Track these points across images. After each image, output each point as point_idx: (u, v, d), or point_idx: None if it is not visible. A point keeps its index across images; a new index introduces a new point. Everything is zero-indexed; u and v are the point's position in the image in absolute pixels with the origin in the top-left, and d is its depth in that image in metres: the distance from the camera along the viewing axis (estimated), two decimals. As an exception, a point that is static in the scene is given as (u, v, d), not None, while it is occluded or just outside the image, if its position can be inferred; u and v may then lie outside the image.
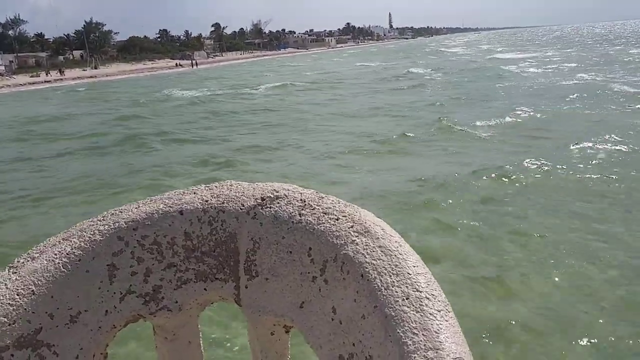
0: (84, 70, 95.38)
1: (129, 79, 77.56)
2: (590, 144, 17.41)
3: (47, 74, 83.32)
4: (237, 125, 28.63)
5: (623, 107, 25.31)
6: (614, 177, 13.91)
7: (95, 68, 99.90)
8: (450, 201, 12.65)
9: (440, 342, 1.27)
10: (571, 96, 29.84)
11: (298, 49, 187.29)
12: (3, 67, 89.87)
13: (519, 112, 25.03)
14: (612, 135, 18.53)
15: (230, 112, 33.88)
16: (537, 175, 14.43)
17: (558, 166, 15.08)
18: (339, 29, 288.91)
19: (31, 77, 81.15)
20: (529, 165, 15.27)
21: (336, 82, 52.00)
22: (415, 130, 22.62)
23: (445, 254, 9.63)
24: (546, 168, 15.01)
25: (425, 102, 32.50)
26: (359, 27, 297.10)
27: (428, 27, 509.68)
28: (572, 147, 17.25)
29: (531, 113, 24.94)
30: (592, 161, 15.60)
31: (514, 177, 14.29)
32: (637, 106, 25.31)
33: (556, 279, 8.53)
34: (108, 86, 65.73)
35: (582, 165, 15.16)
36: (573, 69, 48.72)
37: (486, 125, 22.81)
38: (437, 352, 1.24)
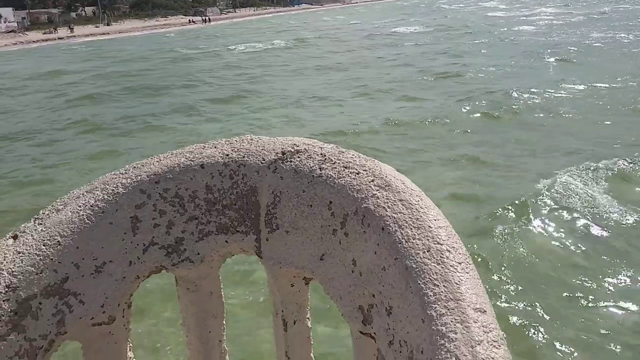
0: (96, 27, 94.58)
1: (140, 37, 76.88)
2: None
3: (54, 31, 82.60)
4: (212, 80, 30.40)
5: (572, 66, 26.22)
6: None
7: (108, 25, 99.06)
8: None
9: (461, 293, 1.28)
10: (534, 54, 30.92)
11: (312, 4, 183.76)
12: (16, 24, 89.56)
13: (462, 68, 26.86)
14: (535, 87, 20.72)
15: (205, 69, 35.32)
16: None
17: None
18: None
19: (44, 33, 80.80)
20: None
21: (316, 40, 52.41)
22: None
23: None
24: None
25: (378, 60, 34.28)
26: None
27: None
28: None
29: (477, 68, 26.56)
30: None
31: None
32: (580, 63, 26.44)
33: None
34: (123, 42, 65.42)
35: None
36: (558, 27, 48.37)
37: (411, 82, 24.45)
38: (457, 303, 1.26)
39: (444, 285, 1.31)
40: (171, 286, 2.20)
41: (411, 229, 1.46)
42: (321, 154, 1.78)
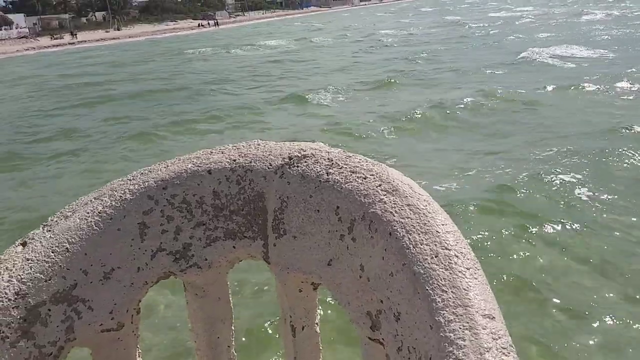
0: (106, 31, 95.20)
1: (149, 40, 77.20)
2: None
3: (52, 38, 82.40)
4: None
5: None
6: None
7: (118, 29, 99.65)
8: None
9: (470, 299, 1.27)
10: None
11: (321, 7, 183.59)
12: (27, 30, 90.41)
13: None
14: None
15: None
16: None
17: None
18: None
19: (55, 39, 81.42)
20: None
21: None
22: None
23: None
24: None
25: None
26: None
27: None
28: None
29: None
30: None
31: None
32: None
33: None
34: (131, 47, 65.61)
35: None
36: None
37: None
38: (466, 309, 1.25)
39: (452, 291, 1.29)
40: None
41: (419, 234, 1.45)
42: (328, 158, 1.78)
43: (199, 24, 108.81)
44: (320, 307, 2.06)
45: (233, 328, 2.07)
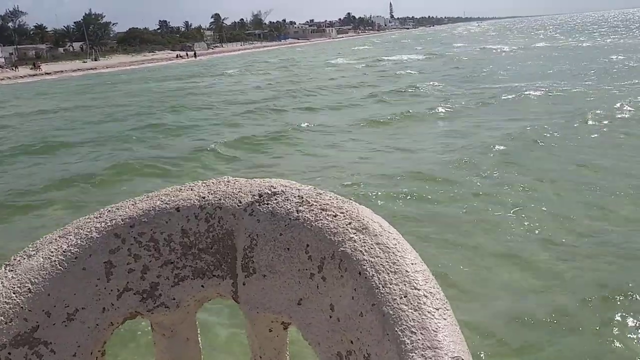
0: (84, 62, 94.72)
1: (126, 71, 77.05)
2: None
3: (15, 68, 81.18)
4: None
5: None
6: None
7: (96, 60, 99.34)
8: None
9: (439, 340, 1.26)
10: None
11: (298, 39, 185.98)
12: (3, 60, 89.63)
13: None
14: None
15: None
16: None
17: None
18: (339, 19, 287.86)
19: (31, 69, 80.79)
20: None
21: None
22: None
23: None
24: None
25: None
26: (359, 18, 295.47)
27: (429, 17, 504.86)
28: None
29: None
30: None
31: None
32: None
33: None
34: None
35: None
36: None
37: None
38: (435, 351, 1.23)
39: (421, 333, 1.28)
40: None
41: (388, 273, 1.44)
42: (298, 196, 1.77)
43: (177, 55, 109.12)
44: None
45: None
